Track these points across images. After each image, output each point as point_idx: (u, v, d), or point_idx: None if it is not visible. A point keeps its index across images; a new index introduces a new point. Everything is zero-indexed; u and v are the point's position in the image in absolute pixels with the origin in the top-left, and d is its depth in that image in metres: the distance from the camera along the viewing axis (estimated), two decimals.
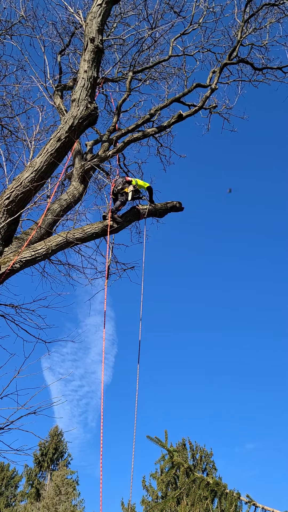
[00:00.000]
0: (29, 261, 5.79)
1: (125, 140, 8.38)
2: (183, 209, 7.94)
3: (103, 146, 8.37)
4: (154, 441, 3.82)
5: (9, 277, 5.62)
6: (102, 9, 6.15)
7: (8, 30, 9.28)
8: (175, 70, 11.01)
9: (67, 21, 9.86)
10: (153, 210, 7.62)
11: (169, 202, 7.81)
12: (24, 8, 9.30)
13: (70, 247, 6.71)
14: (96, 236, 6.86)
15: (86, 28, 6.00)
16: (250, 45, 10.29)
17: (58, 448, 29.52)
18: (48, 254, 6.10)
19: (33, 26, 9.42)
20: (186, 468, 3.49)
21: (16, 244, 5.95)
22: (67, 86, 9.33)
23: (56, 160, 5.52)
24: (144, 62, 10.48)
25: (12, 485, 28.36)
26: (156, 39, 10.38)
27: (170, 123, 8.86)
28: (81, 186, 7.40)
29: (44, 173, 5.48)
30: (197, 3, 10.14)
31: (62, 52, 9.79)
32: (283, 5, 9.75)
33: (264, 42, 10.36)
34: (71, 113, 5.59)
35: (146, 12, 10.02)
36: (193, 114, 9.09)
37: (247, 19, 9.71)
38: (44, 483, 27.88)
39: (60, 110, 8.52)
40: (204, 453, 20.02)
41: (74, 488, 26.21)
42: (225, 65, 9.57)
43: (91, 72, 5.74)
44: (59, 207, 6.83)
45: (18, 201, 5.31)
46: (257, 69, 10.34)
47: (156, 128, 9.00)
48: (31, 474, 28.18)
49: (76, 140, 5.79)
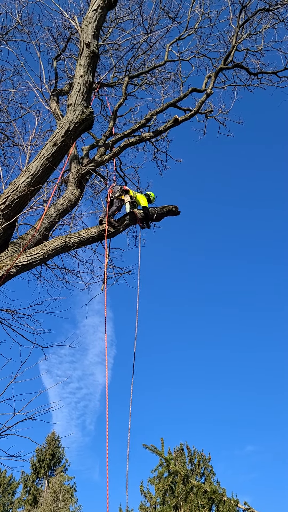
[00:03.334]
0: (26, 266, 5.77)
1: (121, 144, 8.39)
2: (179, 213, 7.95)
3: (99, 151, 8.37)
4: (151, 450, 3.79)
5: (6, 282, 5.60)
6: (97, 15, 6.15)
7: (3, 36, 9.29)
8: (170, 75, 11.07)
9: (63, 27, 9.89)
10: (150, 214, 7.62)
11: (165, 206, 7.82)
12: (20, 14, 9.34)
13: (66, 251, 6.70)
14: (93, 240, 6.85)
15: (82, 34, 6.01)
16: (245, 50, 10.36)
17: (55, 454, 29.30)
18: (45, 259, 6.08)
19: (29, 31, 9.45)
20: (183, 476, 3.46)
21: (12, 249, 5.93)
22: (63, 91, 9.35)
23: (52, 164, 5.51)
24: (139, 67, 10.52)
25: (9, 492, 28.10)
26: (151, 44, 10.43)
27: (166, 127, 8.88)
28: (78, 190, 7.39)
29: (40, 178, 5.47)
30: (192, 8, 10.21)
31: (58, 57, 9.82)
32: (277, 10, 9.83)
33: (259, 47, 10.43)
34: (67, 117, 5.59)
35: (141, 18, 10.08)
36: (189, 118, 9.12)
37: (242, 25, 9.77)
38: (42, 489, 27.66)
39: (56, 115, 8.53)
40: (202, 458, 19.93)
41: (72, 494, 26.03)
42: (220, 70, 9.62)
43: (86, 77, 5.73)
44: (55, 212, 6.83)
45: (14, 206, 5.29)
46: (252, 74, 10.40)
47: (152, 133, 9.02)
48: (28, 480, 27.93)
49: (72, 144, 5.78)
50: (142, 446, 4.57)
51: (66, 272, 7.83)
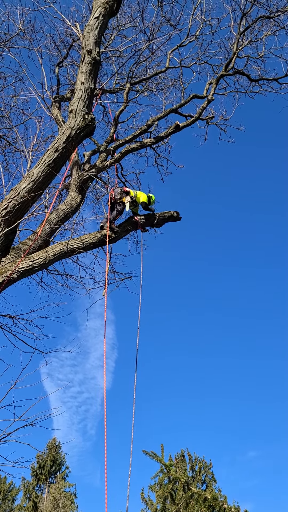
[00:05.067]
0: (27, 271, 5.78)
1: (122, 150, 8.42)
2: (180, 219, 7.95)
3: (100, 157, 8.40)
4: (151, 456, 3.76)
5: (7, 287, 5.60)
6: (99, 22, 6.21)
7: (6, 43, 9.37)
8: (172, 81, 11.14)
9: (65, 34, 9.98)
10: (151, 220, 7.63)
11: (166, 212, 7.83)
12: (22, 21, 9.42)
13: (67, 257, 6.71)
14: (94, 246, 6.86)
15: (84, 41, 6.06)
16: (246, 57, 10.43)
17: (56, 460, 29.13)
18: (46, 264, 6.09)
19: (31, 38, 9.53)
20: (184, 483, 3.44)
21: (13, 254, 5.94)
22: (64, 97, 9.41)
23: (54, 170, 5.53)
24: (141, 74, 10.59)
25: (9, 499, 27.92)
26: (153, 51, 10.51)
27: (167, 133, 8.92)
28: (79, 196, 7.42)
29: (42, 184, 5.49)
30: (193, 16, 10.28)
31: (60, 64, 9.89)
32: (278, 17, 9.89)
33: (260, 54, 10.49)
34: (69, 124, 5.62)
35: (143, 25, 10.17)
36: (190, 124, 9.16)
37: (243, 32, 9.84)
38: (42, 496, 27.48)
39: (58, 121, 8.58)
40: (204, 465, 19.81)
41: (72, 501, 25.85)
42: (221, 76, 9.67)
43: (88, 84, 5.78)
44: (56, 217, 6.85)
45: (15, 211, 5.31)
46: (253, 80, 10.46)
47: (154, 139, 9.06)
48: (29, 487, 27.75)
49: (73, 150, 5.81)
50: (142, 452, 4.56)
51: (67, 277, 7.84)
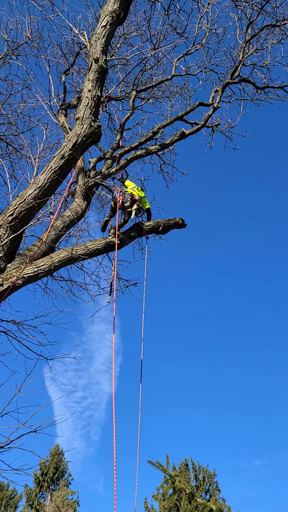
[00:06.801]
0: (32, 277, 5.78)
1: (128, 157, 8.45)
2: (185, 226, 7.95)
3: (106, 163, 8.44)
4: (156, 466, 3.72)
5: (12, 293, 5.60)
6: (106, 31, 6.26)
7: (14, 51, 9.47)
8: (177, 89, 11.18)
9: (72, 42, 10.06)
10: (156, 227, 7.64)
11: (171, 219, 7.83)
12: (30, 30, 9.52)
13: (72, 263, 6.71)
14: (99, 252, 6.86)
15: (91, 49, 6.11)
16: (252, 65, 10.47)
17: (58, 467, 28.95)
18: (51, 271, 6.09)
19: (39, 46, 9.62)
20: (189, 494, 3.40)
21: (18, 260, 5.95)
22: (71, 104, 9.48)
23: (60, 177, 5.55)
24: (147, 81, 10.65)
25: (12, 506, 27.77)
26: (159, 59, 10.57)
27: (172, 140, 8.94)
28: (84, 202, 7.44)
29: (48, 190, 5.51)
30: (199, 24, 10.34)
31: (67, 72, 9.97)
32: (284, 26, 9.93)
33: (266, 62, 10.53)
34: (75, 131, 5.65)
35: (149, 33, 10.23)
36: (196, 132, 9.18)
37: (248, 40, 9.88)
38: (44, 503, 27.29)
39: (64, 128, 8.63)
40: (208, 474, 19.62)
41: (75, 509, 25.65)
42: (227, 84, 9.71)
43: (95, 91, 5.81)
44: (62, 224, 6.86)
45: (21, 218, 5.32)
46: (259, 88, 10.49)
47: (159, 146, 9.09)
48: (31, 494, 27.57)
49: (79, 157, 5.83)
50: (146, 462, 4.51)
51: (72, 283, 7.84)
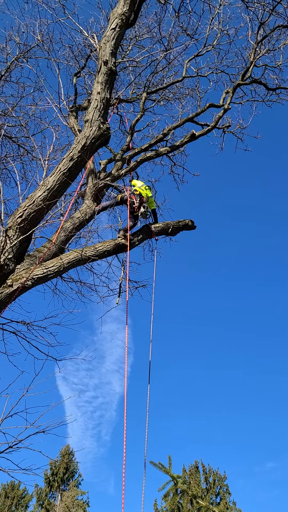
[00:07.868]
0: (41, 278, 5.82)
1: (138, 159, 8.47)
2: (195, 228, 7.93)
3: (116, 165, 8.46)
4: (158, 467, 3.72)
5: (21, 294, 5.65)
6: (116, 33, 6.28)
7: (25, 54, 9.57)
8: (188, 90, 11.17)
9: (83, 45, 10.12)
10: (166, 228, 7.63)
11: (181, 221, 7.81)
12: (41, 33, 9.61)
13: (82, 264, 6.74)
14: (108, 254, 6.87)
15: (100, 51, 6.14)
16: (263, 66, 10.41)
17: (69, 467, 29.08)
18: (60, 272, 6.12)
19: (50, 49, 9.71)
20: (191, 496, 3.38)
21: (28, 262, 6.00)
22: (81, 106, 9.53)
23: (69, 179, 5.58)
24: (158, 83, 10.66)
25: (23, 505, 27.95)
26: (170, 61, 10.58)
27: (183, 142, 8.93)
28: (94, 204, 7.47)
29: (57, 192, 5.54)
30: (211, 26, 10.31)
31: (78, 74, 10.02)
32: None
33: (278, 63, 10.47)
34: (84, 133, 5.68)
35: (160, 35, 10.23)
36: (206, 133, 9.16)
37: (260, 41, 9.82)
38: (54, 503, 27.42)
39: (74, 130, 8.68)
40: (218, 476, 19.51)
41: (85, 510, 25.73)
42: (238, 85, 9.67)
43: (104, 94, 5.84)
44: (71, 225, 6.90)
45: (30, 219, 5.36)
46: (270, 89, 10.43)
47: (169, 148, 9.08)
48: (41, 494, 27.73)
49: (88, 159, 5.86)
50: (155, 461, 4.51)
51: (81, 285, 7.88)
